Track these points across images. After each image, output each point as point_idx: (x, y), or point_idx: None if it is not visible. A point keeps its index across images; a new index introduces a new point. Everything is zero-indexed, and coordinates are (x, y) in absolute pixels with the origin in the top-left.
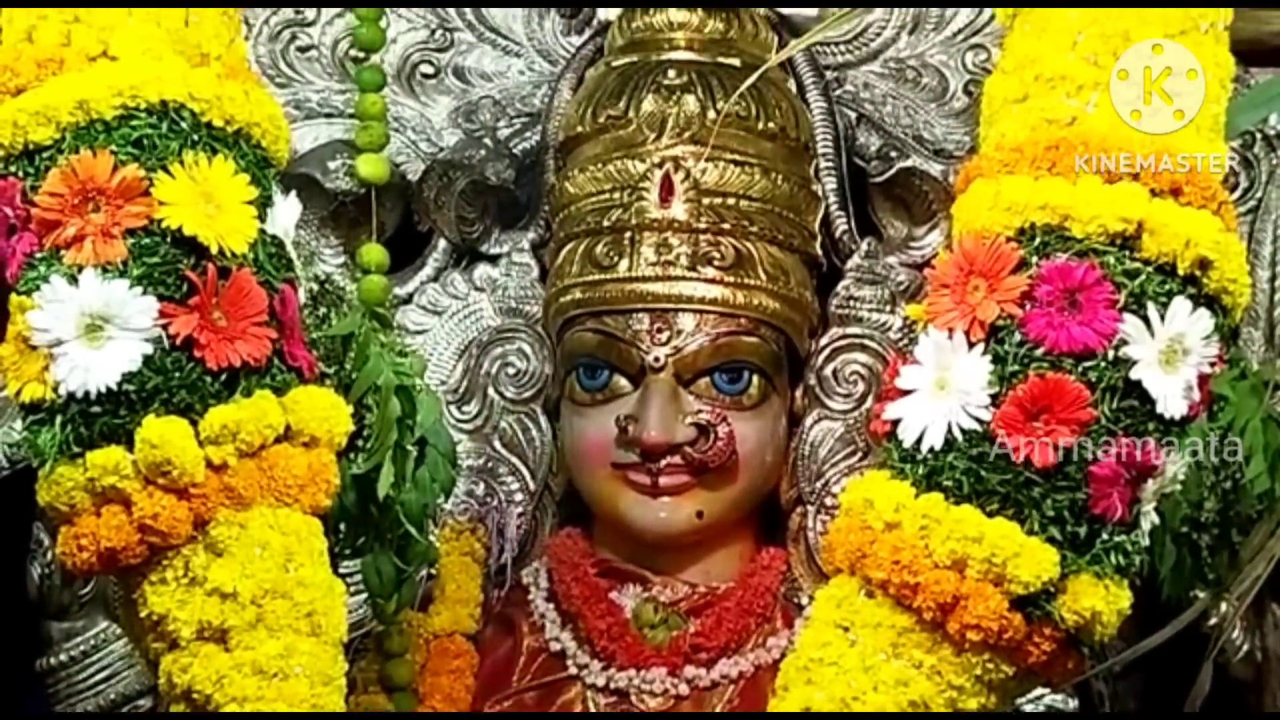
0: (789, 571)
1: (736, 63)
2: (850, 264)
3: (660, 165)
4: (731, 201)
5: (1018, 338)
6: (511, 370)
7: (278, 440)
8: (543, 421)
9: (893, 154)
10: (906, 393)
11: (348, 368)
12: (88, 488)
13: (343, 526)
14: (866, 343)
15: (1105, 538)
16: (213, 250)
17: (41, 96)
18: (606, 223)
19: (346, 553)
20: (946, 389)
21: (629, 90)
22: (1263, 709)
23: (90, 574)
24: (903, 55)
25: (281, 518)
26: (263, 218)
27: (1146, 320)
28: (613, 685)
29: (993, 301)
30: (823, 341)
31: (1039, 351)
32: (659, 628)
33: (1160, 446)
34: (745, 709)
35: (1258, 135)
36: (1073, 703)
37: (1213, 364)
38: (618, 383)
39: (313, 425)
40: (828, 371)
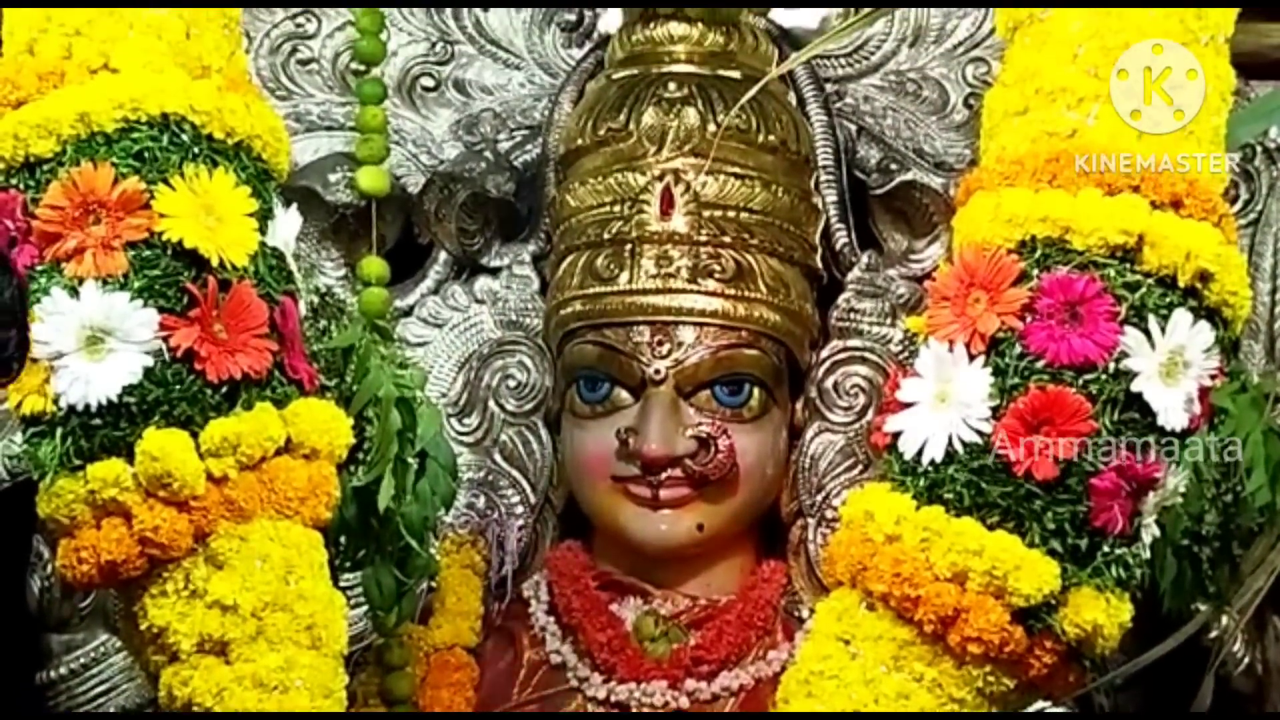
0: (789, 584)
1: (737, 75)
2: (851, 277)
3: (661, 178)
4: (732, 214)
5: (1018, 350)
6: (512, 383)
7: (278, 453)
8: (543, 434)
9: (893, 167)
10: (907, 405)
11: (348, 380)
12: (88, 500)
13: (343, 539)
14: (867, 355)
15: (1106, 550)
16: (213, 263)
17: (42, 109)
18: (607, 235)
19: (347, 565)
20: (947, 401)
21: (629, 103)
22: None
23: (90, 587)
24: (903, 68)
25: (282, 530)
26: (263, 230)
27: (1147, 333)
28: (613, 698)
29: (993, 314)
30: (823, 354)
31: (1040, 364)
32: (659, 640)
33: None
34: None
35: (1258, 148)
36: None
37: (1213, 376)
38: (618, 395)
39: (313, 438)
40: (828, 384)
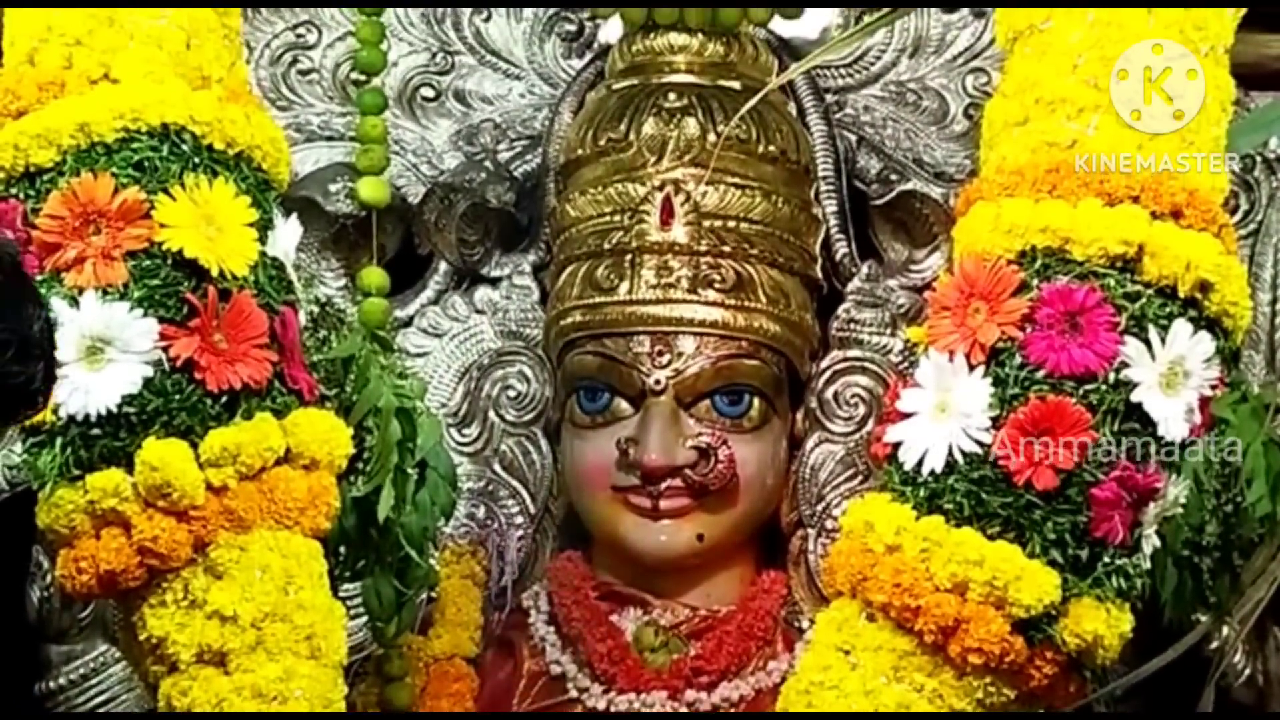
0: (790, 594)
1: (737, 86)
2: (851, 287)
3: (661, 188)
4: (732, 224)
5: (1018, 360)
6: (512, 393)
7: (278, 463)
8: (543, 444)
9: (893, 177)
10: (907, 415)
11: (348, 390)
12: (88, 510)
13: (343, 549)
14: (867, 365)
15: (1107, 561)
16: (213, 273)
17: (43, 119)
18: (607, 245)
19: (347, 575)
20: (947, 412)
21: (630, 113)
22: None
23: (90, 597)
24: (903, 79)
25: (282, 540)
26: (263, 240)
27: (1147, 343)
28: (613, 709)
29: (993, 324)
30: (823, 364)
31: (1040, 374)
32: (659, 651)
33: (1161, 469)
34: None
35: (1258, 158)
36: None
37: (1214, 386)
38: (618, 405)
39: (313, 448)
40: (828, 394)
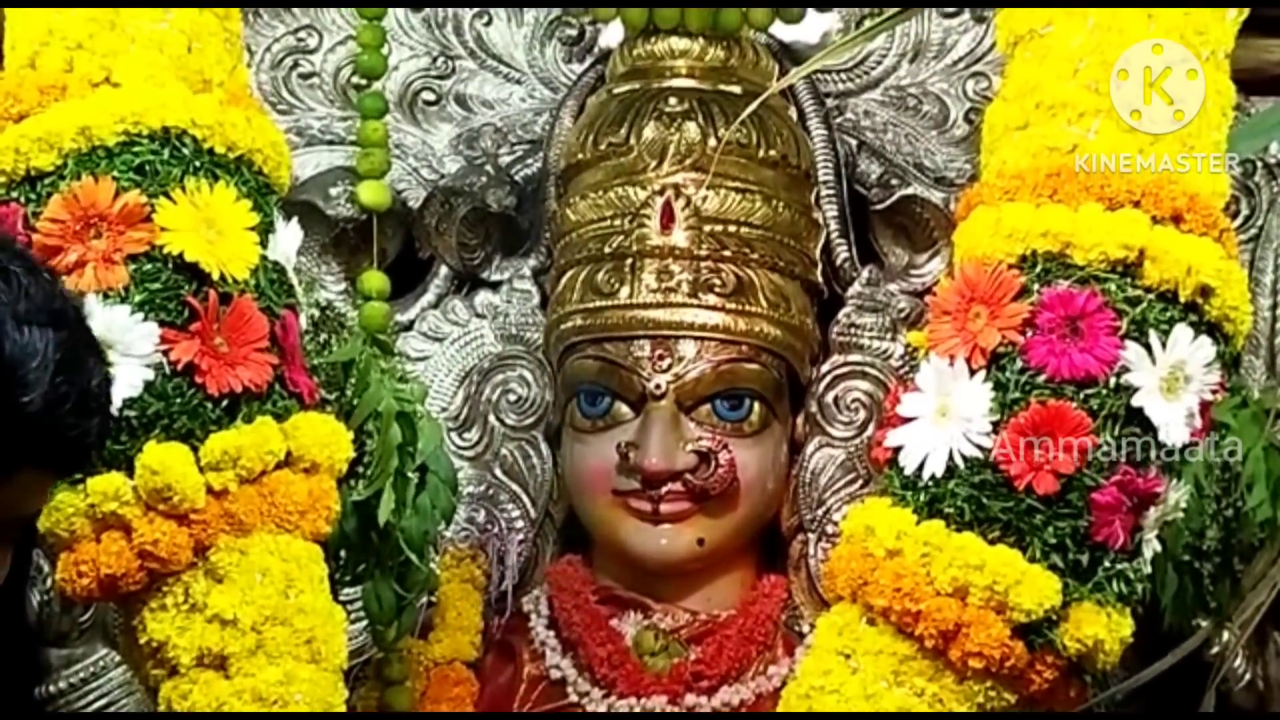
0: (790, 599)
1: (737, 90)
2: (851, 291)
3: (661, 192)
4: (732, 229)
5: (1019, 365)
6: (512, 397)
7: (278, 466)
8: (544, 448)
9: (894, 181)
10: (908, 420)
11: (349, 394)
12: (88, 514)
13: (343, 553)
14: (867, 370)
15: (1107, 565)
16: (214, 276)
17: (44, 123)
18: (608, 249)
19: (347, 579)
20: (948, 416)
21: (630, 117)
22: None
23: (90, 600)
24: (903, 83)
25: (282, 544)
26: (264, 244)
27: (1148, 347)
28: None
29: (994, 328)
30: (824, 369)
31: (1040, 378)
32: (659, 655)
33: (1162, 474)
34: None
35: (1258, 163)
36: None
37: (1214, 391)
38: (619, 409)
39: (314, 451)
40: (829, 399)
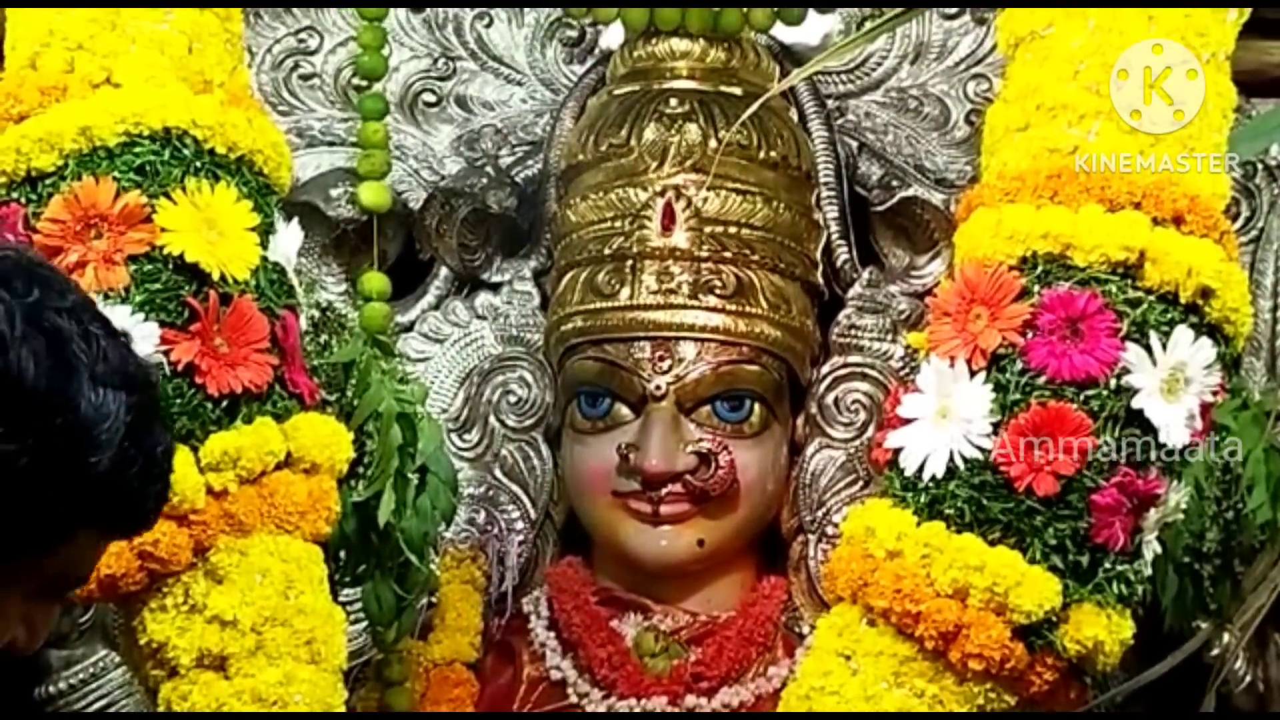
0: (790, 600)
1: (738, 92)
2: (852, 293)
3: (662, 194)
4: (733, 230)
5: (1019, 366)
6: (513, 398)
7: (278, 467)
8: (544, 449)
9: (894, 183)
10: (908, 421)
11: (349, 395)
12: None
13: (343, 554)
14: (868, 371)
15: (1107, 567)
16: (214, 277)
17: (45, 123)
18: (608, 251)
19: (347, 580)
20: (948, 417)
21: (631, 119)
22: None
23: (90, 601)
24: (904, 85)
25: (282, 545)
26: (265, 245)
27: (1148, 349)
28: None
29: (994, 330)
30: (824, 370)
31: (1041, 380)
32: (660, 656)
33: (1162, 475)
34: None
35: (1259, 165)
36: None
37: (1215, 393)
38: (619, 411)
39: (314, 452)
40: (829, 400)
